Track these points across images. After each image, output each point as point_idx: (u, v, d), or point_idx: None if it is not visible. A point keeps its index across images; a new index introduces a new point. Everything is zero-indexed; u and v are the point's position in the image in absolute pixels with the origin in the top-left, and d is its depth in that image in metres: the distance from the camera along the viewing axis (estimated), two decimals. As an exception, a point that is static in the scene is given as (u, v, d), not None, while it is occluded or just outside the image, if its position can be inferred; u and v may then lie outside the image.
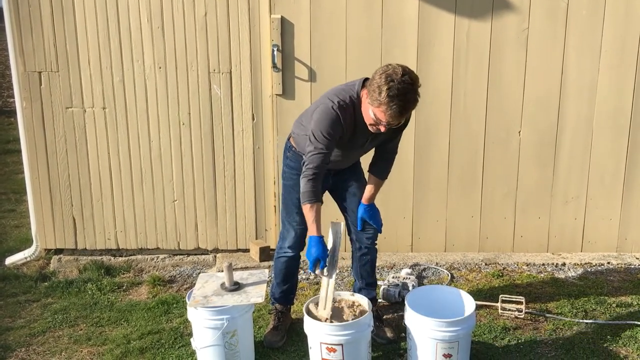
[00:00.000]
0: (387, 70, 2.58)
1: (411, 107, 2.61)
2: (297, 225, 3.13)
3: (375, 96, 2.57)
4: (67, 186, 4.10)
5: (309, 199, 2.75)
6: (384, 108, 2.56)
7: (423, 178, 4.09)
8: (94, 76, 3.93)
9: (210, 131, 4.02)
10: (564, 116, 4.00)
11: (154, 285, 3.88)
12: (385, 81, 2.54)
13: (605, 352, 3.09)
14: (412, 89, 2.57)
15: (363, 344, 2.80)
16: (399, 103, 2.54)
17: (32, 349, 3.23)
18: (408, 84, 2.55)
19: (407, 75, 2.56)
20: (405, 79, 2.54)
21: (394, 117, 2.59)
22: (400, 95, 2.53)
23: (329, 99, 2.76)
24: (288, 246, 3.18)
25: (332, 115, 2.71)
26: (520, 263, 4.07)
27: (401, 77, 2.54)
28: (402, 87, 2.53)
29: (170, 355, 3.13)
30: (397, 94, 2.53)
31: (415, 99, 2.59)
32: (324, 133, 2.71)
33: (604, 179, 4.09)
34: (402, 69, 2.57)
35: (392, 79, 2.53)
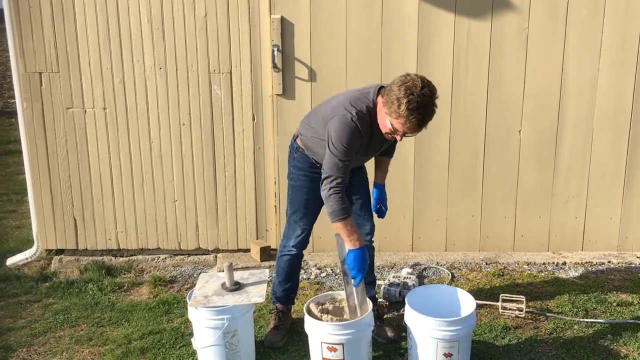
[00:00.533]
0: (406, 81, 2.55)
1: (429, 119, 2.59)
2: (304, 225, 3.14)
3: (394, 108, 2.55)
4: (68, 187, 4.10)
5: (343, 215, 2.71)
6: (403, 121, 2.56)
7: (423, 178, 4.09)
8: (95, 77, 3.94)
9: (210, 131, 4.02)
10: (564, 115, 4.00)
11: (154, 286, 3.88)
12: (405, 94, 2.52)
13: (606, 351, 3.09)
14: (431, 102, 2.55)
15: (364, 344, 2.80)
16: (419, 116, 2.54)
17: (33, 349, 3.23)
18: (427, 97, 2.53)
19: (426, 88, 2.54)
20: (425, 92, 2.53)
21: (412, 130, 2.60)
22: (420, 109, 2.52)
23: (346, 109, 2.73)
24: (292, 245, 3.17)
25: (352, 127, 2.69)
26: (520, 262, 4.07)
27: (421, 90, 2.52)
28: (421, 100, 2.52)
29: (171, 355, 3.13)
30: (417, 107, 2.52)
31: (433, 111, 2.58)
32: (345, 145, 2.68)
33: (604, 177, 4.09)
34: (421, 81, 2.55)
35: (411, 92, 2.51)
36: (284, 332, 3.22)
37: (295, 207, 3.12)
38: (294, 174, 3.09)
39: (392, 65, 3.91)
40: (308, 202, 3.08)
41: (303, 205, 3.08)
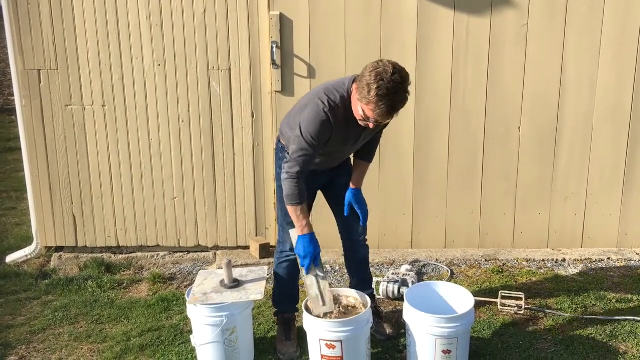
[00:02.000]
0: (377, 67, 2.53)
1: (400, 106, 2.55)
2: None
3: (364, 94, 2.52)
4: (67, 184, 4.10)
5: (298, 200, 2.75)
6: (373, 107, 2.53)
7: (423, 174, 4.08)
8: (93, 74, 3.94)
9: (209, 128, 4.02)
10: (563, 112, 3.99)
11: (154, 283, 3.89)
12: (375, 79, 2.49)
13: (605, 347, 3.09)
14: (402, 88, 2.51)
15: (362, 341, 2.80)
16: (388, 102, 2.50)
17: (32, 347, 3.24)
18: (398, 83, 2.49)
19: (397, 74, 2.50)
20: (395, 78, 2.49)
21: (382, 116, 2.56)
22: (389, 95, 2.49)
23: (319, 99, 2.70)
24: (290, 249, 3.07)
25: (322, 118, 2.67)
26: (520, 259, 4.07)
27: (391, 75, 2.48)
28: (391, 86, 2.48)
29: (170, 352, 3.13)
30: (387, 93, 2.48)
31: (404, 98, 2.54)
32: (312, 135, 2.67)
33: (604, 174, 4.09)
34: (392, 67, 2.51)
35: (382, 78, 2.48)
36: (297, 341, 3.12)
37: (284, 208, 3.01)
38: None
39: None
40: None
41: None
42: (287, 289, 3.20)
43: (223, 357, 2.93)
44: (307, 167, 2.73)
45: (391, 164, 4.06)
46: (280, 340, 3.14)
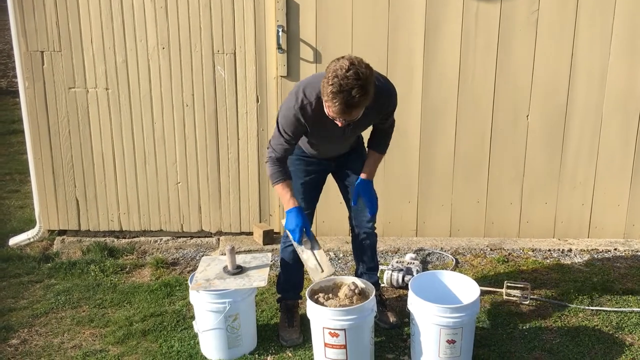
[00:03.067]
0: (335, 64, 2.46)
1: (359, 103, 2.46)
2: (304, 205, 3.03)
3: (323, 91, 2.49)
4: (70, 167, 4.07)
5: (279, 178, 2.83)
6: (329, 104, 2.49)
7: (429, 162, 4.04)
8: (97, 56, 3.89)
9: (214, 113, 3.98)
10: (573, 100, 3.93)
11: (157, 268, 3.87)
12: (331, 76, 2.44)
13: (611, 339, 3.06)
14: (358, 85, 2.42)
15: (366, 329, 2.78)
16: (342, 100, 2.43)
17: (34, 330, 3.23)
18: (353, 80, 2.41)
19: (352, 71, 2.41)
20: (350, 75, 2.40)
21: (339, 114, 2.50)
22: (343, 92, 2.42)
23: (295, 95, 2.70)
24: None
25: (291, 116, 2.70)
26: (525, 249, 4.04)
27: (345, 72, 2.40)
28: (344, 83, 2.40)
29: (173, 338, 3.12)
30: (340, 90, 2.42)
31: (363, 95, 2.44)
32: (284, 128, 2.75)
33: (612, 164, 4.04)
34: (348, 64, 2.43)
35: (336, 75, 2.41)
36: (300, 327, 3.12)
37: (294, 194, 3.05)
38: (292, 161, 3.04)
39: (399, 46, 3.84)
40: (305, 187, 3.02)
41: (300, 191, 3.01)
42: (291, 275, 3.18)
43: (225, 343, 2.92)
44: (284, 153, 2.82)
45: (397, 151, 4.01)
46: (283, 326, 3.13)
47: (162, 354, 2.99)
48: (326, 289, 2.92)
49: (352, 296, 2.84)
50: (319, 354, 2.82)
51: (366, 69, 2.47)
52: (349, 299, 2.83)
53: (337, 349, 2.74)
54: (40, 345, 3.10)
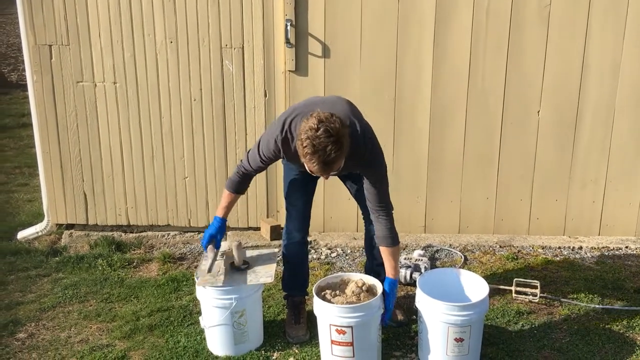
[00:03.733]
0: (305, 124, 2.44)
1: (336, 158, 2.43)
2: (298, 206, 3.05)
3: (299, 152, 2.47)
4: (78, 161, 4.07)
5: (231, 188, 2.92)
6: (308, 165, 2.49)
7: (438, 158, 4.00)
8: (105, 50, 3.88)
9: (221, 107, 3.96)
10: (585, 96, 3.88)
11: (164, 262, 3.86)
12: (303, 138, 2.41)
13: (622, 338, 3.03)
14: (331, 141, 2.38)
15: (373, 326, 2.76)
16: (319, 159, 2.41)
17: (41, 324, 3.23)
18: (324, 138, 2.37)
19: (321, 129, 2.37)
20: (320, 134, 2.37)
21: (320, 172, 2.49)
22: (318, 152, 2.39)
23: (282, 124, 2.67)
24: (292, 229, 3.08)
25: (272, 144, 2.70)
26: (535, 246, 4.00)
27: (315, 132, 2.38)
28: (317, 142, 2.38)
29: (179, 333, 3.11)
30: (314, 150, 2.39)
31: (338, 150, 2.40)
32: (263, 152, 2.76)
33: (624, 161, 3.98)
34: (317, 122, 2.39)
35: (307, 136, 2.39)
36: (306, 324, 3.09)
37: (287, 188, 3.07)
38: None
39: (408, 42, 3.80)
40: (296, 181, 3.01)
41: (290, 182, 3.03)
42: (295, 271, 3.17)
43: (232, 339, 2.91)
44: (254, 171, 2.86)
45: (406, 147, 3.98)
46: (289, 323, 3.11)
47: (168, 349, 2.98)
48: (333, 285, 2.90)
49: (359, 293, 2.82)
50: (325, 351, 2.81)
51: (335, 123, 2.41)
52: (356, 296, 2.80)
53: (343, 346, 2.72)
54: (47, 339, 3.10)
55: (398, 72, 3.86)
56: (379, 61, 3.83)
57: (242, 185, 2.94)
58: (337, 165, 2.50)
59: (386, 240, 2.82)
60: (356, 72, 3.83)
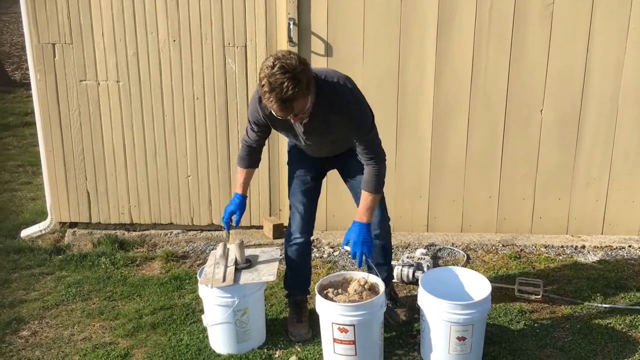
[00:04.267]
0: (262, 64, 2.41)
1: (294, 95, 2.37)
2: (300, 205, 3.02)
3: (260, 91, 2.45)
4: (82, 160, 4.08)
5: (240, 164, 2.97)
6: (269, 105, 2.45)
7: (440, 156, 4.00)
8: (108, 49, 3.89)
9: (224, 106, 3.96)
10: (588, 95, 3.87)
11: (167, 261, 3.87)
12: (261, 77, 2.39)
13: (624, 337, 3.02)
14: (287, 77, 2.34)
15: (375, 325, 2.76)
16: (276, 97, 2.37)
17: (45, 322, 3.24)
18: (280, 75, 2.33)
19: (277, 66, 2.34)
20: (276, 71, 2.34)
21: (280, 111, 2.44)
22: (275, 89, 2.35)
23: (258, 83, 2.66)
24: (294, 230, 3.05)
25: (253, 104, 2.74)
26: (538, 245, 3.99)
27: (271, 69, 2.35)
28: (273, 80, 2.34)
29: (182, 331, 3.12)
30: (271, 88, 2.35)
31: (296, 86, 2.35)
32: (249, 117, 2.81)
33: (627, 160, 3.98)
34: (273, 60, 2.37)
35: (264, 75, 2.37)
36: (309, 323, 3.09)
37: (290, 186, 3.06)
38: (290, 152, 3.07)
39: (411, 39, 3.80)
40: (300, 182, 3.01)
41: (295, 183, 3.03)
42: (297, 270, 3.16)
43: (234, 337, 2.91)
44: (253, 142, 2.89)
45: (408, 145, 3.98)
46: (291, 322, 3.11)
47: (171, 347, 2.99)
48: (335, 284, 2.90)
49: (361, 292, 2.82)
50: (327, 349, 2.81)
51: (291, 60, 2.37)
52: (359, 295, 2.81)
53: (346, 345, 2.72)
54: (51, 337, 3.11)
55: (401, 72, 3.86)
56: (382, 60, 3.83)
57: (250, 160, 2.96)
58: (299, 105, 2.43)
59: (367, 184, 2.76)
60: (359, 71, 3.83)
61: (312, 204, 3.06)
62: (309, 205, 3.04)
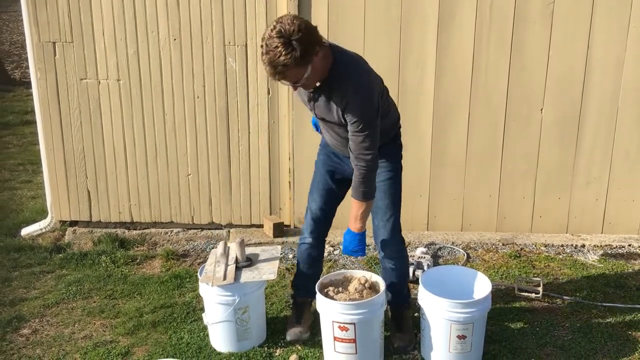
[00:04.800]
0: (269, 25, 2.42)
1: (286, 61, 2.33)
2: (313, 206, 2.95)
3: None
4: (82, 158, 4.08)
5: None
6: (263, 66, 2.43)
7: (440, 155, 4.01)
8: (109, 47, 3.89)
9: (225, 105, 3.97)
10: (588, 94, 3.88)
11: (167, 259, 3.87)
12: (263, 36, 2.39)
13: (624, 336, 3.03)
14: (281, 42, 2.32)
15: (376, 324, 2.76)
16: (268, 60, 2.35)
17: (45, 320, 3.25)
18: (276, 38, 2.32)
19: (276, 29, 2.34)
20: (273, 34, 2.33)
21: (271, 75, 2.42)
22: (269, 52, 2.34)
23: None
24: (305, 230, 3.01)
25: None
26: (538, 244, 4.00)
27: (270, 32, 2.35)
28: (269, 42, 2.34)
29: (182, 330, 3.13)
30: (266, 50, 2.35)
31: (288, 52, 2.31)
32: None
33: (627, 159, 3.98)
34: (275, 22, 2.36)
35: (264, 36, 2.37)
36: (306, 327, 3.02)
37: (310, 187, 3.01)
38: (319, 152, 3.00)
39: (412, 38, 3.80)
40: (319, 183, 2.95)
41: (314, 182, 2.99)
42: (302, 271, 3.10)
43: (235, 336, 2.91)
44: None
45: (408, 143, 3.95)
46: (290, 322, 3.08)
47: (171, 346, 2.99)
48: (336, 282, 2.90)
49: (362, 290, 2.82)
50: (328, 348, 2.82)
51: (291, 26, 2.33)
52: (359, 293, 2.81)
53: (346, 343, 2.73)
54: (51, 335, 3.11)
55: (401, 70, 3.86)
56: (382, 58, 3.83)
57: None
58: (292, 73, 2.40)
59: (353, 191, 2.68)
60: (359, 69, 3.82)
61: (327, 206, 2.94)
62: (323, 207, 2.93)
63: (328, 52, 2.53)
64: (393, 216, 2.88)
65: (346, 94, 2.53)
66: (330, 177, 2.94)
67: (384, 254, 2.95)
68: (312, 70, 2.45)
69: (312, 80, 2.52)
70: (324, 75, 2.54)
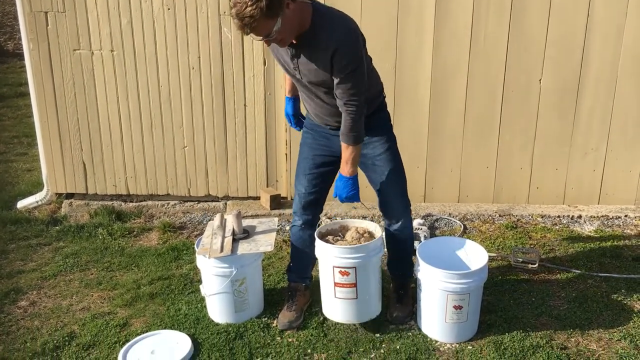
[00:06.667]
0: None
1: (253, 13, 2.26)
2: (300, 187, 2.90)
3: None
4: (77, 130, 4.05)
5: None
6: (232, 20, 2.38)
7: (438, 126, 3.98)
8: (102, 17, 3.82)
9: (220, 76, 3.92)
10: (587, 62, 3.84)
11: (164, 232, 3.87)
12: None
13: (619, 306, 3.05)
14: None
15: (374, 268, 2.78)
16: (236, 12, 2.28)
17: (43, 292, 3.25)
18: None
19: None
20: None
21: (239, 29, 2.34)
22: (237, 5, 2.28)
23: None
24: (294, 212, 2.95)
25: None
26: (535, 215, 4.00)
27: None
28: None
29: (180, 301, 3.14)
30: (234, 2, 2.28)
31: (255, 6, 2.25)
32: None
33: (626, 129, 3.96)
34: None
35: None
36: (299, 313, 2.94)
37: (296, 168, 2.94)
38: (303, 133, 2.94)
39: (410, 3, 3.74)
40: (305, 162, 2.88)
41: (300, 166, 2.91)
42: (294, 255, 3.05)
43: (232, 307, 2.92)
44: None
45: (406, 114, 3.95)
46: (283, 307, 3.00)
47: (169, 317, 3.01)
48: (334, 231, 2.91)
49: (359, 238, 2.83)
50: (328, 296, 2.82)
51: None
52: (357, 241, 2.81)
53: (347, 288, 2.73)
54: (49, 307, 3.12)
55: (399, 39, 3.81)
56: (380, 26, 3.78)
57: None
58: (259, 26, 2.32)
59: (343, 137, 2.63)
60: (356, 39, 3.77)
61: (315, 189, 2.88)
62: (311, 191, 2.88)
63: (304, 6, 2.43)
64: (399, 185, 2.91)
65: (332, 38, 2.43)
66: (318, 160, 2.86)
67: (389, 222, 2.93)
68: (283, 23, 2.36)
69: (285, 34, 2.42)
70: (301, 30, 2.44)
